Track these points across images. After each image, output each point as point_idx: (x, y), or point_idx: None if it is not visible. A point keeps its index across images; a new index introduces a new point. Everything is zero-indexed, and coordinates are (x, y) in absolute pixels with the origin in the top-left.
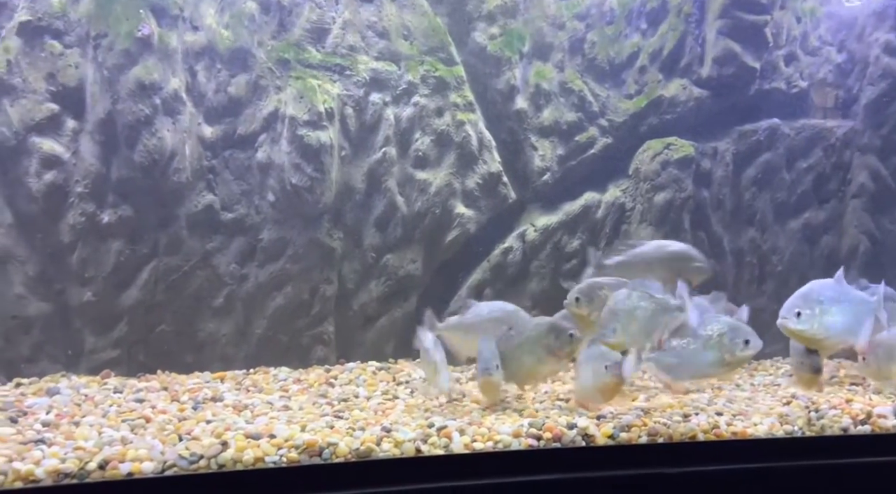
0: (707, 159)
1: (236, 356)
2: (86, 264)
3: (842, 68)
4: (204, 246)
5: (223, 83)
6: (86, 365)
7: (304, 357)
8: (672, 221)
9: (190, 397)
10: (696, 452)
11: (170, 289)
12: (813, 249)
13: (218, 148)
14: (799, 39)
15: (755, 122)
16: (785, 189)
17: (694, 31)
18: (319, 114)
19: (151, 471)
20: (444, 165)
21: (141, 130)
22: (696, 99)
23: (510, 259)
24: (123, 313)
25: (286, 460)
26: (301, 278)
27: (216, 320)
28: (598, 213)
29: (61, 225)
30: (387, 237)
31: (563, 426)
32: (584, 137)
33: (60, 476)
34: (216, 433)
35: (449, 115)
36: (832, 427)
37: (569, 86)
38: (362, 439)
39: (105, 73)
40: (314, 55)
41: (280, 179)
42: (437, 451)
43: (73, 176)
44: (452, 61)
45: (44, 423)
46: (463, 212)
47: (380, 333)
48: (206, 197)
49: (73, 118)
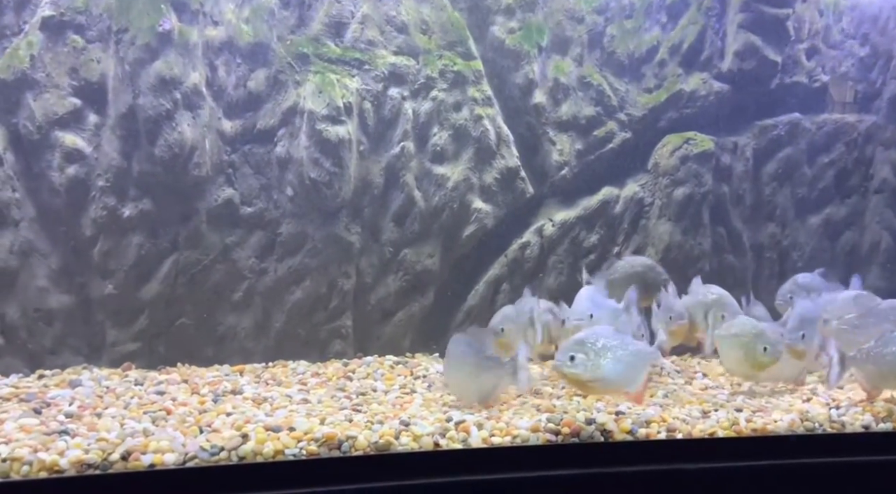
0: (727, 154)
1: (255, 349)
2: (107, 257)
3: (864, 62)
4: (223, 240)
5: (243, 78)
6: (107, 357)
7: (322, 351)
8: (691, 216)
9: (210, 390)
10: (716, 449)
11: (190, 283)
12: (834, 245)
13: (237, 142)
14: (821, 33)
15: (776, 117)
16: (806, 184)
17: (714, 24)
18: (338, 109)
19: (173, 463)
20: (461, 160)
21: (161, 125)
22: (717, 93)
23: (528, 254)
24: (144, 306)
25: (306, 453)
26: (319, 272)
27: (235, 314)
28: (616, 208)
29: (83, 218)
30: (404, 232)
31: (581, 421)
32: (603, 132)
33: (84, 467)
34: (236, 425)
35: (467, 110)
36: (853, 425)
37: (587, 80)
38: (381, 432)
39: (126, 68)
40: (333, 50)
41: (299, 174)
42: (455, 445)
43: (94, 170)
44: (471, 55)
45: (67, 415)
46: (480, 207)
47: (397, 328)
48: (225, 191)
49: (94, 112)
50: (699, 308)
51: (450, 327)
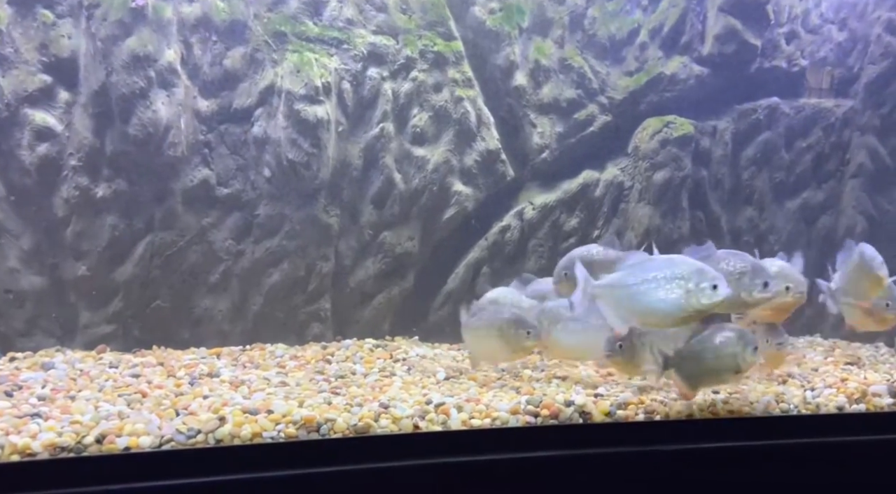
0: (706, 138)
1: (232, 332)
2: (80, 238)
3: (843, 47)
4: (199, 221)
5: (219, 56)
6: (81, 339)
7: (300, 333)
8: (670, 200)
9: (186, 372)
10: (693, 430)
11: (165, 265)
12: (811, 229)
13: (213, 122)
14: (801, 17)
15: (755, 101)
16: (784, 168)
17: (695, 7)
18: (316, 89)
19: (149, 446)
20: (442, 142)
21: (135, 103)
22: (697, 76)
23: (508, 237)
24: (118, 288)
25: (284, 435)
26: (297, 255)
27: (212, 296)
28: (596, 192)
29: (55, 198)
30: (384, 214)
31: (560, 403)
32: (584, 115)
33: (57, 450)
34: (213, 408)
35: (447, 91)
36: (827, 406)
37: (568, 62)
38: (360, 415)
39: (98, 44)
40: (311, 28)
41: (276, 154)
42: (434, 428)
43: (66, 149)
44: (451, 36)
45: (39, 397)
46: (461, 190)
47: (376, 311)
48: (201, 171)
49: (66, 90)
50: None
51: (429, 310)
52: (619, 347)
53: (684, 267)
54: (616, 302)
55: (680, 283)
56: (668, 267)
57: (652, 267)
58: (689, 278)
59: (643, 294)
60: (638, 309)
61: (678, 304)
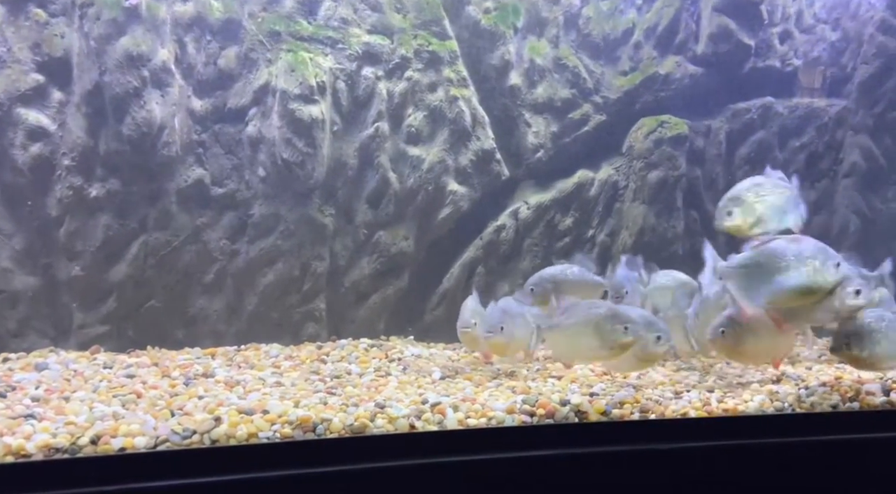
0: (700, 137)
1: (227, 332)
2: (73, 238)
3: (836, 46)
4: (194, 221)
5: (213, 55)
6: (75, 340)
7: (295, 333)
8: (665, 199)
9: (181, 373)
10: (688, 429)
11: (159, 265)
12: (804, 228)
13: (208, 121)
14: (794, 17)
15: (749, 101)
16: (777, 168)
17: (689, 7)
18: (311, 88)
19: (144, 446)
20: (437, 141)
21: (129, 103)
22: (691, 76)
23: (503, 236)
24: (112, 288)
25: (280, 435)
26: (292, 254)
27: (207, 296)
28: (591, 191)
29: (48, 198)
30: (379, 214)
31: (556, 402)
32: (578, 114)
33: (51, 451)
34: (209, 408)
35: (442, 91)
36: (822, 404)
37: (563, 62)
38: (356, 415)
39: (92, 44)
40: (306, 27)
41: (271, 154)
42: (431, 427)
43: (59, 148)
44: (446, 35)
45: (33, 398)
46: (456, 189)
47: (372, 310)
48: (195, 171)
49: (59, 89)
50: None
51: (425, 310)
52: (722, 333)
53: (809, 246)
54: (747, 282)
55: (808, 262)
56: (795, 247)
57: (780, 248)
58: (815, 257)
59: (774, 273)
60: (770, 288)
61: (807, 282)
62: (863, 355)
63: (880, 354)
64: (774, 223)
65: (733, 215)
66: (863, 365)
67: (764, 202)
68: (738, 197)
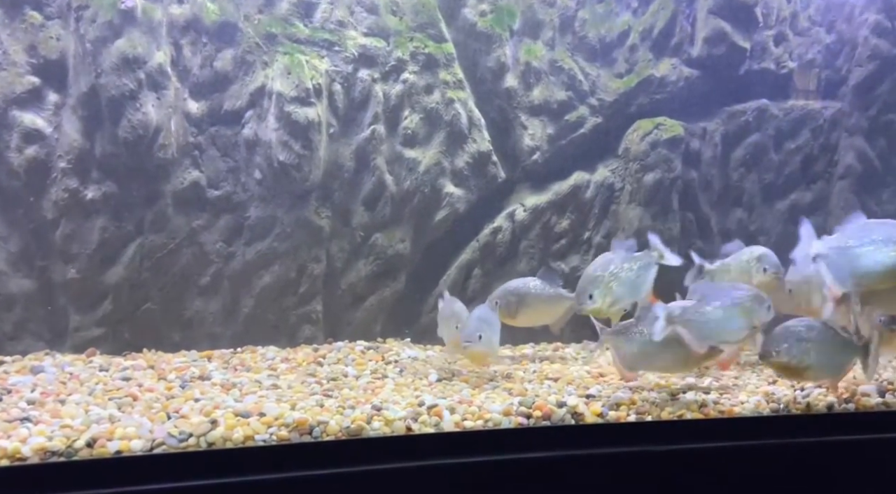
0: (696, 139)
1: (223, 335)
2: (69, 241)
3: (831, 49)
4: (190, 223)
5: (209, 58)
6: (70, 343)
7: (291, 336)
8: (660, 201)
9: (177, 375)
10: (684, 430)
11: (156, 267)
12: (799, 230)
13: (204, 124)
14: (789, 19)
15: (744, 103)
16: (773, 170)
17: (685, 10)
18: (307, 91)
19: (140, 449)
20: (433, 144)
21: (125, 105)
22: (687, 78)
23: (499, 239)
24: (108, 291)
25: (276, 438)
26: (289, 257)
27: (203, 298)
28: (587, 193)
29: (44, 201)
30: (375, 216)
31: (552, 404)
32: (574, 116)
33: (47, 455)
34: (205, 411)
35: (438, 93)
36: (817, 405)
37: (559, 64)
38: (353, 417)
39: (88, 46)
40: (302, 30)
41: (267, 156)
42: (427, 429)
43: (55, 151)
44: (442, 38)
45: (29, 401)
46: (452, 192)
47: (368, 312)
48: (191, 173)
49: (54, 92)
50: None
51: (421, 312)
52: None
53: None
54: (837, 263)
55: (894, 246)
56: (884, 230)
57: (870, 230)
58: None
59: (863, 256)
60: (858, 270)
61: (893, 266)
62: (791, 363)
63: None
64: (629, 299)
65: (594, 298)
66: (792, 375)
67: (618, 279)
68: (595, 278)
